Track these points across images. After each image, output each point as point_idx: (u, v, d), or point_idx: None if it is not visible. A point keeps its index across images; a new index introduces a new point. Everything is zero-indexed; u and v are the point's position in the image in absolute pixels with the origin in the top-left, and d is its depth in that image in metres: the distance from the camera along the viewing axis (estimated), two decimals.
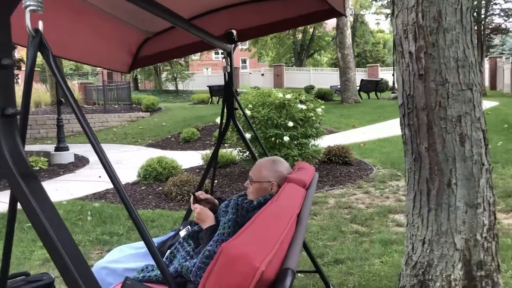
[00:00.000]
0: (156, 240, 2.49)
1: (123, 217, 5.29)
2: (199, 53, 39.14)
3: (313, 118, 6.59)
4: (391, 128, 11.93)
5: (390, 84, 25.06)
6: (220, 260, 0.97)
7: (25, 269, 3.89)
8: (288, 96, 6.44)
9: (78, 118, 1.14)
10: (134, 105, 18.45)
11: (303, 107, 6.40)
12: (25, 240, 4.64)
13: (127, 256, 2.28)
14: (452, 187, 2.53)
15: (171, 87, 30.45)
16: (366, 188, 6.18)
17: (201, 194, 2.43)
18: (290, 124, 6.19)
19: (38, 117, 15.11)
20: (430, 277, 2.60)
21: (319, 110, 6.66)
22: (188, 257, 2.11)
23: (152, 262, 2.21)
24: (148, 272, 2.11)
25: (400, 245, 3.98)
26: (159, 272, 2.08)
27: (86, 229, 4.93)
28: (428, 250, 2.62)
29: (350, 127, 12.57)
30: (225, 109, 2.74)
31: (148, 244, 1.13)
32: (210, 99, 21.28)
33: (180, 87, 30.02)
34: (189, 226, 2.33)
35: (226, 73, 2.66)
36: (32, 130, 14.64)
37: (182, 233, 2.30)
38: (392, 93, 22.48)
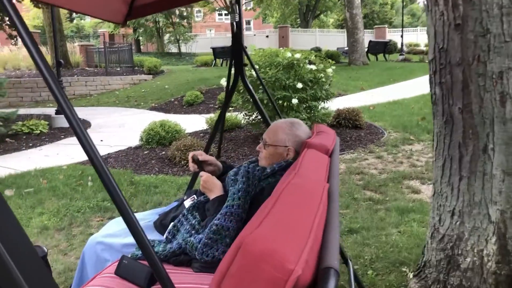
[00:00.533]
0: (157, 211, 2.24)
1: (125, 182, 5.07)
2: (202, 15, 38.24)
3: (323, 79, 6.25)
4: (401, 90, 11.57)
5: (399, 46, 24.39)
6: (239, 260, 0.71)
7: None
8: (297, 55, 6.09)
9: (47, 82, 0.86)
10: (136, 68, 18.04)
11: (313, 67, 6.05)
12: (23, 207, 4.44)
13: (125, 230, 2.03)
14: (488, 152, 2.25)
15: (173, 49, 29.88)
16: (378, 152, 5.91)
17: (200, 155, 2.16)
18: (299, 85, 5.87)
19: (39, 80, 14.75)
20: (459, 252, 2.36)
21: (329, 70, 6.32)
22: (193, 231, 1.86)
23: (153, 237, 1.98)
24: None
25: (417, 213, 3.74)
26: (161, 248, 1.84)
27: (87, 195, 4.72)
28: (458, 223, 2.37)
29: (359, 89, 12.20)
30: (233, 64, 2.44)
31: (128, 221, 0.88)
32: (214, 61, 20.80)
33: (183, 49, 29.43)
34: (194, 196, 2.08)
35: (234, 23, 2.35)
36: (33, 93, 14.34)
37: (187, 203, 2.05)
38: (400, 55, 21.89)
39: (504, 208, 2.30)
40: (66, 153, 6.95)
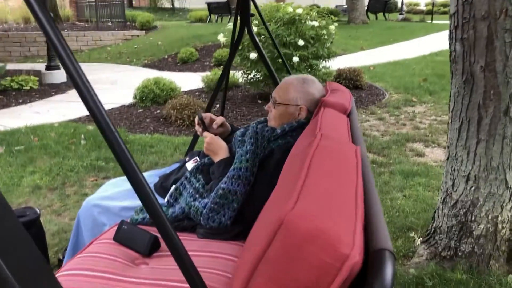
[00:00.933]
0: (157, 173, 2.10)
1: None
2: None
3: (325, 37, 6.02)
4: (402, 50, 11.32)
5: (399, 5, 23.81)
6: (279, 241, 0.57)
7: (13, 197, 3.57)
8: (299, 10, 5.82)
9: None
10: (128, 23, 17.47)
11: (315, 23, 5.80)
12: (14, 165, 4.29)
13: (122, 192, 1.91)
14: (510, 115, 2.12)
15: (166, 4, 28.99)
16: (379, 114, 5.77)
17: (210, 118, 2.01)
18: (301, 42, 5.64)
19: (28, 34, 14.26)
20: (473, 218, 2.26)
21: (332, 27, 6.07)
22: (197, 195, 1.73)
23: None
24: None
25: (423, 177, 3.64)
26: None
27: (80, 153, 4.56)
28: (473, 188, 2.26)
29: (358, 49, 11.91)
30: (239, 14, 2.25)
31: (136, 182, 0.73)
32: (209, 18, 20.21)
33: (177, 4, 28.57)
34: (197, 158, 1.94)
35: None
36: (22, 48, 13.88)
37: (189, 165, 1.91)
38: (400, 14, 21.41)
39: None
40: (57, 110, 6.74)
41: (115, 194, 1.90)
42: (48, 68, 9.14)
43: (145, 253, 1.51)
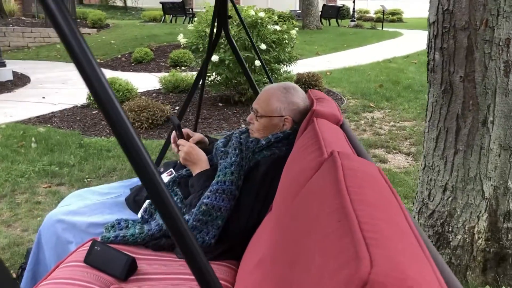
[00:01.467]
0: (127, 184, 1.94)
1: (73, 145, 4.64)
2: None
3: (286, 41, 5.98)
4: (356, 56, 11.52)
5: (351, 11, 24.33)
6: None
7: None
8: (261, 14, 5.75)
9: None
10: (79, 20, 16.80)
11: (277, 28, 5.75)
12: None
13: (90, 207, 1.73)
14: (488, 125, 2.12)
15: (118, 2, 28.17)
16: None
17: (187, 135, 1.87)
18: (263, 46, 5.56)
19: None
20: (450, 229, 2.25)
21: (293, 32, 6.04)
22: None
23: (125, 216, 1.69)
24: (121, 229, 1.58)
25: None
26: (137, 230, 1.56)
27: (31, 157, 4.26)
28: (450, 198, 2.25)
29: (314, 54, 12.02)
30: (217, 15, 2.13)
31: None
32: (163, 18, 19.80)
33: (129, 3, 27.80)
34: (171, 170, 1.79)
35: None
36: None
37: (164, 178, 1.76)
38: (351, 21, 21.86)
39: (498, 184, 2.20)
40: (3, 110, 6.30)
41: (81, 209, 1.72)
42: None
43: (122, 277, 1.36)
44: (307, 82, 7.02)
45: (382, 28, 19.87)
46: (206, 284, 0.57)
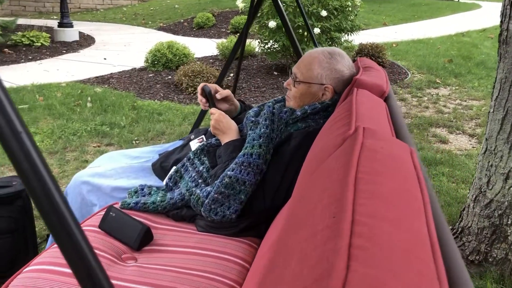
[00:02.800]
0: (157, 150, 1.87)
1: (127, 106, 4.69)
2: None
3: (349, 9, 5.65)
4: (426, 29, 10.82)
5: None
6: None
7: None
8: None
9: None
10: None
11: None
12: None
13: (117, 170, 1.68)
14: None
15: None
16: (401, 94, 5.45)
17: (214, 88, 1.75)
18: (323, 13, 5.29)
19: None
20: (509, 221, 2.01)
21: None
22: (199, 180, 1.50)
23: (150, 182, 1.62)
24: (144, 196, 1.51)
25: (446, 166, 3.38)
26: (158, 197, 1.48)
27: (85, 117, 4.35)
28: None
29: (381, 24, 11.43)
30: None
31: None
32: None
33: None
34: (203, 137, 1.69)
35: None
36: (37, 3, 13.58)
37: (193, 145, 1.67)
38: None
39: None
40: (66, 69, 6.51)
41: (108, 171, 1.67)
42: (61, 25, 8.86)
43: (135, 247, 1.30)
44: (370, 53, 6.67)
45: None
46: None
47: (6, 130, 0.34)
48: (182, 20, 11.47)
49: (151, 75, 6.04)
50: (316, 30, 5.32)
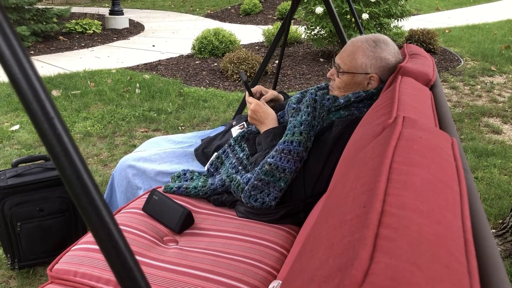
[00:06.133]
0: (200, 135, 1.90)
1: (174, 93, 4.78)
2: None
3: None
4: (483, 13, 10.32)
5: None
6: None
7: None
8: None
9: None
10: None
11: None
12: (69, 109, 4.28)
13: (160, 155, 1.72)
14: None
15: None
16: (453, 82, 5.25)
17: (260, 93, 1.75)
18: None
19: None
20: None
21: None
22: (240, 167, 1.51)
23: (192, 167, 1.65)
24: (186, 180, 1.55)
25: (498, 157, 3.24)
26: (200, 182, 1.51)
27: (133, 102, 4.48)
28: None
29: (433, 9, 11.00)
30: None
31: None
32: None
33: None
34: (244, 123, 1.71)
35: None
36: None
37: (234, 131, 1.69)
38: None
39: None
40: (117, 56, 6.71)
41: (153, 156, 1.72)
42: (112, 13, 9.11)
43: (176, 230, 1.33)
44: (420, 39, 6.44)
45: None
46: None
47: (39, 116, 0.35)
48: (229, 7, 11.51)
49: (197, 62, 6.12)
50: (365, 16, 5.20)
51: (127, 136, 3.70)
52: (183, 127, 3.94)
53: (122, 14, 9.22)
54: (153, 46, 7.39)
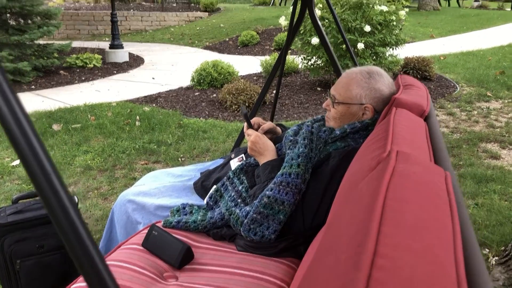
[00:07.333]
0: (199, 168, 1.91)
1: (173, 124, 4.82)
2: None
3: (394, 23, 5.58)
4: (476, 40, 10.50)
5: None
6: None
7: (64, 177, 3.55)
8: None
9: None
10: (192, 4, 17.53)
11: (384, 8, 5.38)
12: (69, 143, 4.30)
13: (160, 189, 1.73)
14: None
15: None
16: (449, 108, 5.30)
17: (259, 124, 1.78)
18: (367, 28, 5.25)
19: (96, 13, 14.67)
20: None
21: (402, 13, 5.62)
22: (239, 200, 1.52)
23: (191, 200, 1.66)
24: (185, 214, 1.55)
25: (498, 183, 3.24)
26: (199, 217, 1.52)
27: (133, 135, 4.51)
28: None
29: (428, 37, 11.19)
30: None
31: None
32: (272, 0, 19.86)
33: None
34: (243, 156, 1.72)
35: None
36: (90, 26, 14.29)
37: (233, 164, 1.70)
38: (475, 1, 20.00)
39: None
40: (117, 89, 6.79)
41: (152, 190, 1.73)
42: (112, 47, 9.26)
43: (176, 265, 1.33)
44: (416, 67, 6.54)
45: None
46: None
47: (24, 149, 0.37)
48: (227, 39, 11.71)
49: (197, 93, 6.18)
50: (360, 46, 5.29)
51: (127, 169, 3.71)
52: (183, 159, 3.95)
53: (122, 47, 9.37)
54: (153, 78, 7.49)
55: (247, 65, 8.24)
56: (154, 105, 5.75)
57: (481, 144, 4.15)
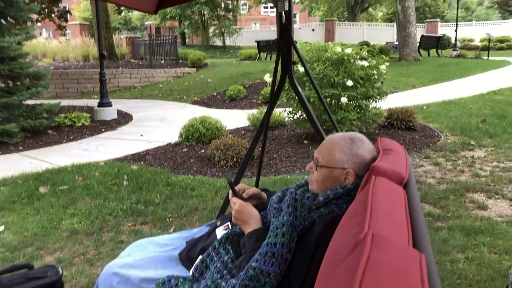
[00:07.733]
0: (185, 236, 1.90)
1: (161, 183, 4.81)
2: (247, 7, 37.99)
3: (375, 76, 5.76)
4: (457, 89, 10.82)
5: (452, 41, 23.18)
6: None
7: (50, 242, 3.48)
8: (348, 50, 5.62)
9: None
10: (180, 61, 17.95)
11: (365, 63, 5.57)
12: (56, 206, 4.26)
13: (145, 260, 1.71)
14: None
15: (218, 42, 29.91)
16: (435, 158, 5.37)
17: (243, 190, 1.79)
18: (349, 83, 5.41)
19: (85, 71, 14.94)
20: None
21: (382, 67, 5.81)
22: (225, 271, 1.51)
23: (177, 272, 1.63)
24: (171, 287, 1.53)
25: (487, 235, 3.25)
26: None
27: (121, 195, 4.48)
28: None
29: (410, 87, 11.51)
30: (280, 62, 2.06)
31: None
32: (258, 55, 20.43)
33: (228, 42, 29.36)
34: (228, 224, 1.72)
35: (283, 12, 1.95)
36: (79, 85, 14.50)
37: (219, 232, 1.69)
38: (453, 50, 20.78)
39: None
40: (105, 147, 6.80)
41: (137, 261, 1.71)
42: (100, 105, 9.38)
43: None
44: (400, 117, 6.69)
45: (488, 57, 18.60)
46: None
47: None
48: (215, 94, 11.93)
49: (185, 149, 6.22)
50: (344, 100, 5.42)
51: (114, 231, 3.66)
52: (170, 219, 3.92)
53: (111, 105, 9.48)
54: (141, 135, 7.53)
55: (235, 119, 8.36)
56: (142, 163, 5.76)
57: (468, 194, 4.19)
